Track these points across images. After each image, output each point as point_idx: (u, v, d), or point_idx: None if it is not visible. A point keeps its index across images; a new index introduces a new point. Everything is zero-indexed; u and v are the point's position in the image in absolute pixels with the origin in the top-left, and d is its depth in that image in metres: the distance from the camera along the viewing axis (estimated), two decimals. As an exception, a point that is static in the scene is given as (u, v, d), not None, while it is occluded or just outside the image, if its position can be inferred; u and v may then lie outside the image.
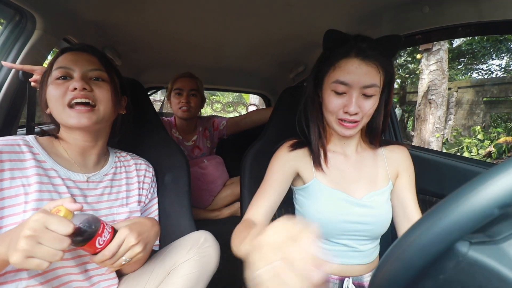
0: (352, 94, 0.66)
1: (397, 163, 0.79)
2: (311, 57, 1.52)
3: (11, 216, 0.59)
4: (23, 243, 0.44)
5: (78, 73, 0.66)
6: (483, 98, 6.64)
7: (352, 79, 0.65)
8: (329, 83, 0.68)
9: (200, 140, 1.57)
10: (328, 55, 0.70)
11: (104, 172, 0.76)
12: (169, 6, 1.00)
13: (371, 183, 0.76)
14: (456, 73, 9.47)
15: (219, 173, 1.54)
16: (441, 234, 0.27)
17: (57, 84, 0.65)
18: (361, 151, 0.80)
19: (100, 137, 0.73)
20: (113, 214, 0.74)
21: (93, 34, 1.21)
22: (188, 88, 1.45)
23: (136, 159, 0.86)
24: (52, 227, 0.46)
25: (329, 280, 0.77)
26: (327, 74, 0.70)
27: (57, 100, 0.64)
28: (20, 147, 0.63)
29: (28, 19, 0.88)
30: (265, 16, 1.05)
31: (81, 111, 0.64)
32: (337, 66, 0.67)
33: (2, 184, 0.59)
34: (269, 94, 2.48)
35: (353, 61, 0.66)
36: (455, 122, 6.88)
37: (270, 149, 1.03)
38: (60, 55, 0.69)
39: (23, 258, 0.44)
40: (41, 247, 0.45)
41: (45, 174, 0.64)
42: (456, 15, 0.80)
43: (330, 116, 0.71)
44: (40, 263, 0.45)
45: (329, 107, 0.69)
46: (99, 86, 0.68)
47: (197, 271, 0.71)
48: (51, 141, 0.70)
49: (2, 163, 0.59)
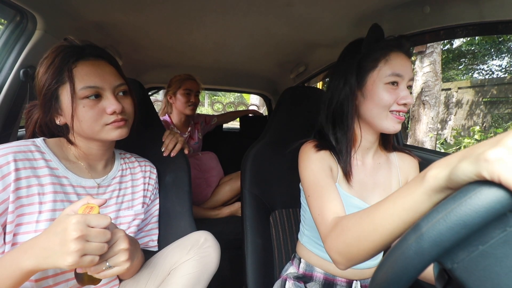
0: (403, 86, 0.68)
1: (407, 172, 0.79)
2: (312, 57, 1.52)
3: (26, 224, 0.58)
4: (74, 244, 0.46)
5: (109, 92, 0.65)
6: (483, 98, 6.65)
7: (404, 71, 0.67)
8: (382, 77, 0.67)
9: (193, 131, 1.82)
10: (369, 50, 0.69)
11: (112, 176, 0.76)
12: (170, 6, 1.00)
13: (385, 191, 0.76)
14: (457, 73, 9.45)
15: (213, 164, 1.77)
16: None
17: (90, 106, 0.63)
18: (377, 158, 0.79)
19: (113, 143, 0.74)
20: (119, 217, 0.75)
21: (94, 34, 1.21)
22: (195, 89, 1.69)
23: (140, 160, 0.86)
24: (93, 223, 0.49)
25: (336, 283, 0.77)
26: (375, 69, 0.68)
27: (94, 122, 0.64)
28: (33, 154, 0.62)
29: (29, 19, 0.88)
30: (266, 16, 1.05)
31: (119, 125, 0.67)
32: (388, 59, 0.67)
33: (20, 192, 0.58)
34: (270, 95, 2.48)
35: (401, 54, 0.68)
36: (455, 123, 6.88)
37: (270, 150, 1.03)
38: (76, 63, 0.63)
39: (78, 258, 0.47)
40: (90, 244, 0.48)
41: (58, 183, 0.64)
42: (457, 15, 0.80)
43: (380, 112, 0.68)
44: (92, 258, 0.49)
45: (384, 101, 0.67)
46: (126, 102, 0.69)
47: (198, 271, 0.71)
48: (60, 144, 0.69)
49: (18, 171, 0.58)
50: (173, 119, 1.72)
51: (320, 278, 0.78)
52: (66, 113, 0.64)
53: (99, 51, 0.68)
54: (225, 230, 1.49)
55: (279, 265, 0.94)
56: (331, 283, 0.77)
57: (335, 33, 1.14)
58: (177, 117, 1.71)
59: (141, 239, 0.83)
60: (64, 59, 0.62)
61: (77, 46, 0.66)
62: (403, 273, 0.28)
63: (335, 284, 0.76)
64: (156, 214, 0.87)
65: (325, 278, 0.77)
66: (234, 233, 1.46)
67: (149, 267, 0.75)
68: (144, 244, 0.83)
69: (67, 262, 0.46)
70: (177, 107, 1.68)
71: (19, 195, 0.58)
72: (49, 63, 0.62)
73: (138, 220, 0.78)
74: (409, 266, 0.28)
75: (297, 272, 0.81)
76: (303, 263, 0.81)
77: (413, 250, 0.28)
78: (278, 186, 1.01)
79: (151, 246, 0.84)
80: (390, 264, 0.30)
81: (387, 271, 0.30)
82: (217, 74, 2.08)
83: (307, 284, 0.78)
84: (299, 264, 0.82)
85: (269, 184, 1.01)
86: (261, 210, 0.98)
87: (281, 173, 1.02)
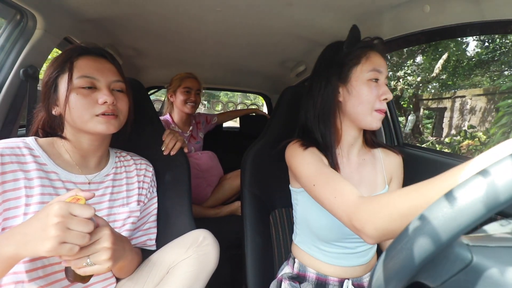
0: (383, 83, 0.71)
1: (392, 168, 0.81)
2: (312, 56, 1.52)
3: (13, 218, 0.59)
4: (53, 230, 0.46)
5: (104, 84, 0.68)
6: (495, 105, 6.91)
7: (383, 68, 0.71)
8: (365, 73, 0.70)
9: (195, 130, 1.81)
10: (351, 49, 0.72)
11: (105, 173, 0.76)
12: (170, 5, 1.00)
13: (371, 187, 0.77)
14: (478, 80, 9.35)
15: (213, 164, 1.75)
16: None
17: (83, 95, 0.65)
18: (362, 154, 0.80)
19: (105, 140, 0.74)
20: (114, 214, 0.74)
21: (94, 33, 1.21)
22: (196, 88, 1.67)
23: (136, 158, 0.86)
24: (76, 212, 0.49)
25: (329, 283, 0.77)
26: (357, 65, 0.71)
27: (84, 110, 0.65)
28: (20, 150, 0.63)
29: (29, 19, 0.88)
30: (266, 16, 1.05)
31: (108, 118, 0.67)
32: (368, 57, 0.71)
33: (6, 186, 0.59)
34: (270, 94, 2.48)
35: (376, 53, 0.72)
36: (470, 129, 7.18)
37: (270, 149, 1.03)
38: (78, 57, 0.67)
39: (57, 244, 0.46)
40: (71, 232, 0.48)
41: (46, 177, 0.64)
42: (457, 15, 0.80)
43: (364, 108, 0.70)
44: (72, 247, 0.48)
45: (367, 97, 0.69)
46: (120, 98, 0.71)
47: (196, 269, 0.71)
48: (52, 142, 0.70)
49: (4, 165, 0.59)
50: (174, 118, 1.70)
51: (312, 278, 0.78)
52: (61, 102, 0.66)
53: (102, 51, 0.72)
54: (225, 229, 1.49)
55: (278, 264, 0.94)
56: (323, 282, 0.77)
57: (335, 33, 1.14)
58: (178, 116, 1.70)
59: (139, 238, 0.83)
60: (68, 53, 0.68)
61: (83, 46, 0.71)
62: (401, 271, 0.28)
63: (327, 284, 0.77)
64: (154, 213, 0.86)
65: (317, 278, 0.78)
66: (234, 232, 1.46)
67: (147, 265, 0.75)
68: (142, 243, 0.83)
69: (45, 248, 0.46)
70: (177, 106, 1.67)
71: (5, 188, 0.59)
72: (56, 58, 0.68)
73: (133, 217, 0.78)
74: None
75: (292, 272, 0.82)
76: (297, 263, 0.82)
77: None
78: (278, 185, 1.01)
79: (149, 245, 0.84)
80: (386, 264, 0.30)
81: (386, 268, 0.30)
82: (217, 73, 2.09)
83: (302, 285, 0.78)
84: (294, 264, 0.82)
85: (269, 183, 1.01)
86: (261, 209, 0.98)
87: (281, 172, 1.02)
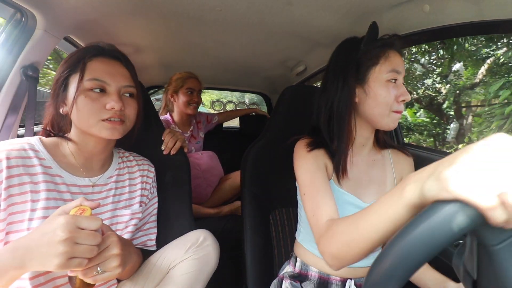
0: (401, 83, 0.69)
1: (401, 169, 0.80)
2: (312, 56, 1.52)
3: (19, 222, 0.58)
4: (61, 246, 0.45)
5: (114, 89, 0.66)
6: None
7: (401, 68, 0.68)
8: (383, 74, 0.67)
9: (195, 130, 1.81)
10: (370, 47, 0.69)
11: (108, 175, 0.75)
12: (170, 5, 1.00)
13: (380, 188, 0.76)
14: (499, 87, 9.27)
15: (213, 164, 1.75)
16: None
17: (91, 98, 0.64)
18: (372, 155, 0.79)
19: (110, 143, 0.74)
20: (117, 216, 0.74)
21: (94, 33, 1.21)
22: (198, 88, 1.67)
23: (139, 159, 0.85)
24: (83, 225, 0.48)
25: (331, 282, 0.77)
26: (376, 66, 0.68)
27: (91, 114, 0.64)
28: (26, 152, 0.62)
29: (29, 18, 0.88)
30: (266, 16, 1.05)
31: (114, 124, 0.66)
32: (387, 56, 0.68)
33: (12, 190, 0.58)
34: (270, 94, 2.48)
35: (395, 52, 0.69)
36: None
37: (271, 149, 1.03)
38: (92, 58, 0.66)
39: (65, 261, 0.45)
40: (79, 246, 0.47)
41: (52, 181, 0.64)
42: (456, 14, 0.80)
43: (381, 110, 0.68)
44: (81, 261, 0.47)
45: (385, 99, 0.67)
46: (129, 104, 0.70)
47: (196, 269, 0.71)
48: (57, 143, 0.69)
49: (11, 169, 0.58)
50: (174, 118, 1.70)
51: (315, 277, 0.78)
52: (69, 102, 0.65)
53: (118, 53, 0.71)
54: (225, 229, 1.49)
55: (279, 264, 0.94)
56: (325, 282, 0.77)
57: (335, 32, 1.14)
58: (179, 116, 1.69)
59: (139, 238, 0.82)
60: (82, 53, 0.67)
61: (99, 46, 0.69)
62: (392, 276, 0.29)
63: (329, 283, 0.76)
64: (154, 213, 0.86)
65: (320, 277, 0.77)
66: (234, 232, 1.46)
67: (147, 266, 0.74)
68: (142, 244, 0.83)
69: (53, 264, 0.45)
70: (179, 106, 1.65)
71: (11, 192, 0.58)
72: (70, 56, 0.67)
73: (135, 219, 0.77)
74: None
75: (293, 271, 0.81)
76: (299, 262, 0.81)
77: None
78: (278, 185, 1.01)
79: (149, 245, 0.84)
80: (379, 267, 0.31)
81: (378, 273, 0.31)
82: (216, 73, 2.08)
83: (303, 283, 0.78)
84: (295, 263, 0.82)
85: (269, 183, 1.01)
86: (261, 209, 0.98)
87: (281, 172, 1.02)
